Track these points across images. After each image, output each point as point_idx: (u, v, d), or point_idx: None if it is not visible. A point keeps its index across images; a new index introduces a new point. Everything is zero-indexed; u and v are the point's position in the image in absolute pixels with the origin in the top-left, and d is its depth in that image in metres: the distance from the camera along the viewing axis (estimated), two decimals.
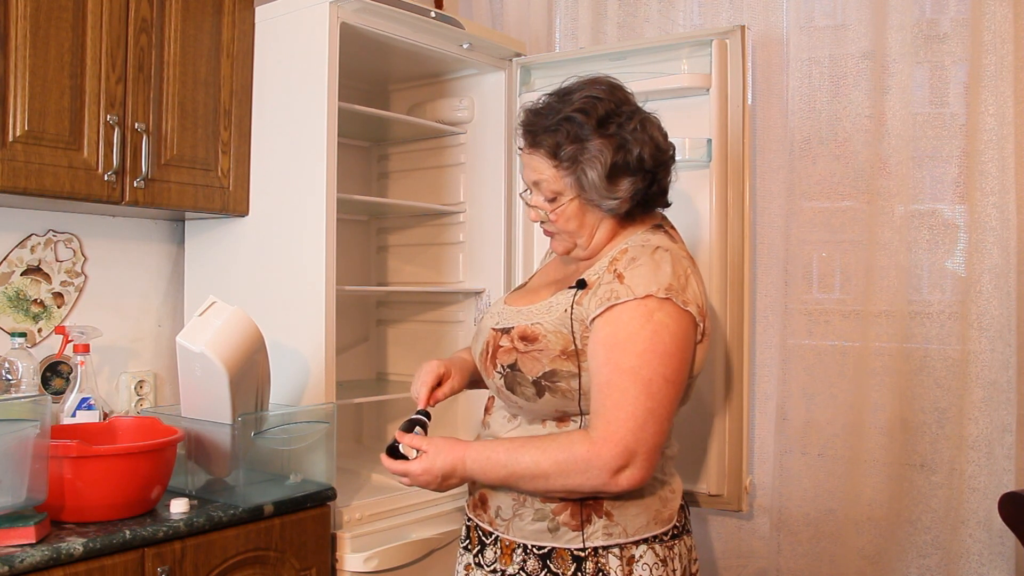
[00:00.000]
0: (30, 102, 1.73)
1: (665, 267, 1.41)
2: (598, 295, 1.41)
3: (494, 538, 1.52)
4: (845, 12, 2.32)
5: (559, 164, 1.45)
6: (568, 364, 1.42)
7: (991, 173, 2.11)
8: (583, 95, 1.46)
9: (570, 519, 1.44)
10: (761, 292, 2.37)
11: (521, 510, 1.48)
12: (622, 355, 1.36)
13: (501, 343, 1.48)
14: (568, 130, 1.43)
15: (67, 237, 2.13)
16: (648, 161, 1.45)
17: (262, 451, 1.83)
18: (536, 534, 1.46)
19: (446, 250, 2.60)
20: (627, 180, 1.45)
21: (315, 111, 2.00)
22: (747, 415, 2.18)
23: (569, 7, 2.71)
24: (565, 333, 1.42)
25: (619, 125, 1.44)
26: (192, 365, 1.74)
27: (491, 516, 1.53)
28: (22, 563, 1.41)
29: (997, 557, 2.11)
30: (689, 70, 2.19)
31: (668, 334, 1.37)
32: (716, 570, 2.43)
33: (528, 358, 1.44)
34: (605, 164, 1.42)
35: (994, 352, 2.11)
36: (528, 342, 1.44)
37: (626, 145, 1.43)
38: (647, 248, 1.44)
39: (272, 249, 2.10)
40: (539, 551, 1.46)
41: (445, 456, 1.44)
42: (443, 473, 1.43)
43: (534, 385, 1.44)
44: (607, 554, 1.43)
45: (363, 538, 1.95)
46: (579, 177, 1.44)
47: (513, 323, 1.49)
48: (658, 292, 1.37)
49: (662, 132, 1.51)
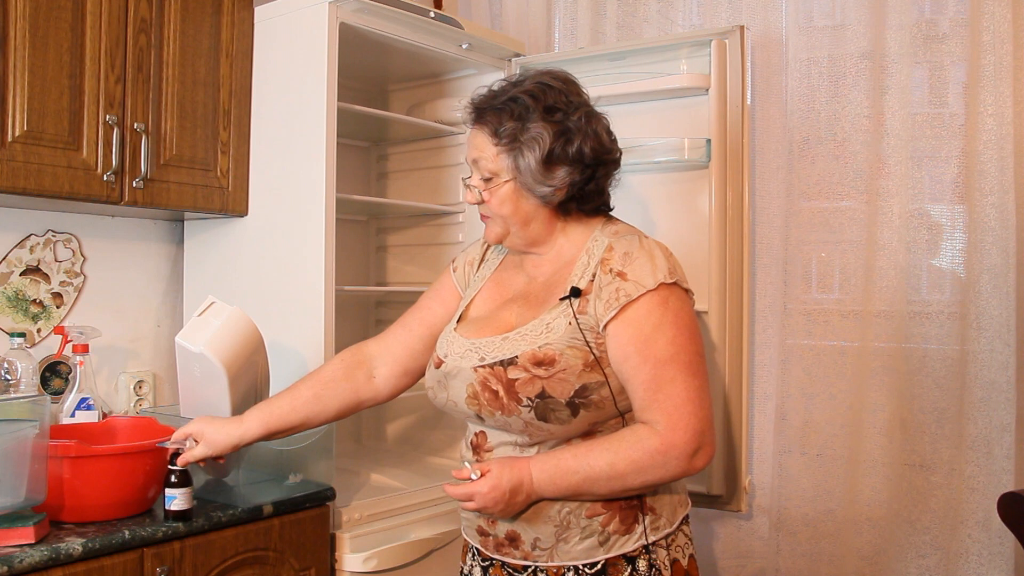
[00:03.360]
0: (29, 102, 1.73)
1: (658, 253, 1.43)
2: (603, 298, 1.40)
3: (534, 569, 1.47)
4: (844, 12, 2.32)
5: (498, 142, 1.45)
6: (594, 375, 1.39)
7: (990, 173, 2.11)
8: (535, 80, 1.47)
9: (619, 526, 1.43)
10: (760, 292, 2.37)
11: (565, 534, 1.44)
12: (656, 348, 1.37)
13: (512, 375, 1.40)
14: (513, 110, 1.44)
15: (66, 237, 2.13)
16: (588, 155, 1.44)
17: (261, 451, 1.83)
18: (586, 552, 1.43)
19: (445, 250, 2.60)
20: (563, 169, 1.44)
21: (314, 111, 2.00)
22: (746, 415, 2.18)
23: (568, 7, 2.71)
24: (580, 345, 1.39)
25: (565, 114, 1.44)
26: (191, 365, 1.74)
27: (526, 550, 1.47)
28: (21, 563, 1.40)
29: (996, 557, 2.11)
30: (688, 70, 2.19)
31: (686, 315, 1.41)
32: (715, 570, 2.43)
33: (555, 381, 1.38)
34: (543, 148, 1.42)
35: (993, 352, 2.11)
36: (547, 366, 1.39)
37: (568, 134, 1.43)
38: (632, 240, 1.45)
39: (271, 249, 2.10)
40: (591, 569, 1.43)
41: (511, 471, 1.39)
42: (511, 488, 1.39)
43: (568, 407, 1.39)
44: (656, 548, 1.44)
45: (362, 538, 1.95)
46: (516, 158, 1.44)
47: (508, 353, 1.42)
48: (666, 279, 1.39)
49: (608, 132, 1.50)
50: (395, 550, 1.98)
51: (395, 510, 2.06)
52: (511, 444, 1.46)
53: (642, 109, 2.25)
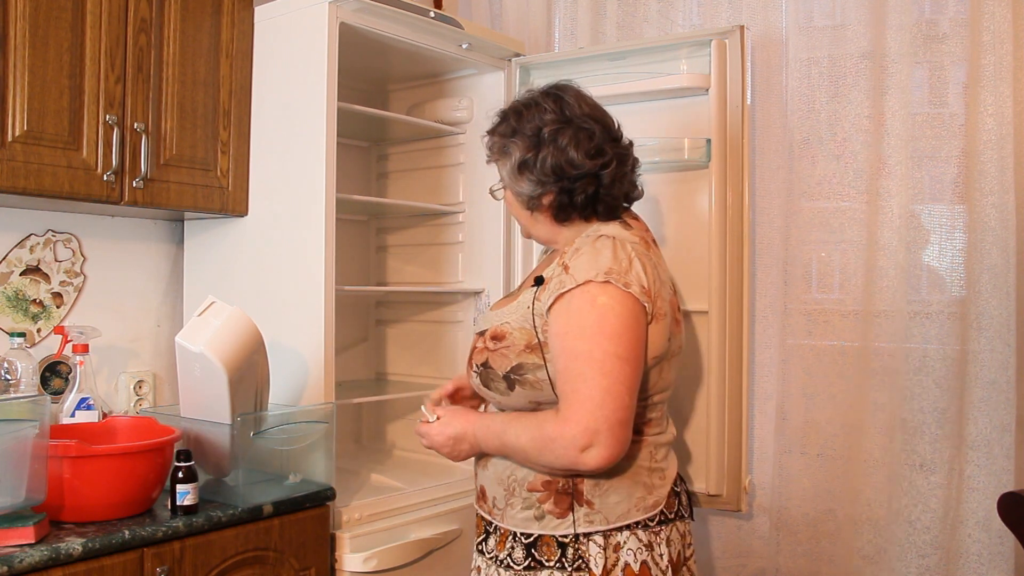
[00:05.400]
0: (29, 102, 1.73)
1: (605, 252, 1.47)
2: (550, 288, 1.49)
3: (494, 527, 1.60)
4: (844, 12, 2.32)
5: (490, 154, 1.63)
6: (533, 357, 1.49)
7: (990, 173, 2.11)
8: (530, 96, 1.59)
9: (554, 507, 1.51)
10: (760, 292, 2.37)
11: (512, 499, 1.55)
12: (574, 341, 1.43)
13: (477, 344, 1.59)
14: (502, 126, 1.59)
15: (66, 237, 2.13)
16: (550, 168, 1.52)
17: (261, 451, 1.83)
18: (524, 522, 1.53)
19: (445, 250, 2.60)
20: (529, 179, 1.55)
21: (314, 111, 2.00)
22: (747, 415, 2.18)
23: (568, 7, 2.71)
24: (528, 328, 1.51)
25: (538, 128, 1.54)
26: (191, 365, 1.74)
27: (489, 506, 1.61)
28: (21, 563, 1.41)
29: (996, 557, 2.11)
30: (688, 70, 2.19)
31: (613, 315, 1.43)
32: (715, 570, 2.43)
33: (497, 355, 1.53)
34: (515, 159, 1.56)
35: (993, 352, 2.11)
36: (497, 340, 1.54)
37: (538, 147, 1.53)
38: (590, 238, 1.52)
39: (271, 249, 2.10)
40: (527, 539, 1.53)
41: (458, 421, 1.58)
42: (455, 435, 1.56)
43: (504, 380, 1.52)
44: (588, 541, 1.49)
45: (362, 538, 1.95)
46: (500, 169, 1.61)
47: (488, 325, 1.59)
48: (596, 277, 1.44)
49: (585, 151, 1.53)
50: (395, 550, 1.98)
51: (395, 510, 2.06)
52: (492, 407, 1.66)
53: (642, 109, 2.25)
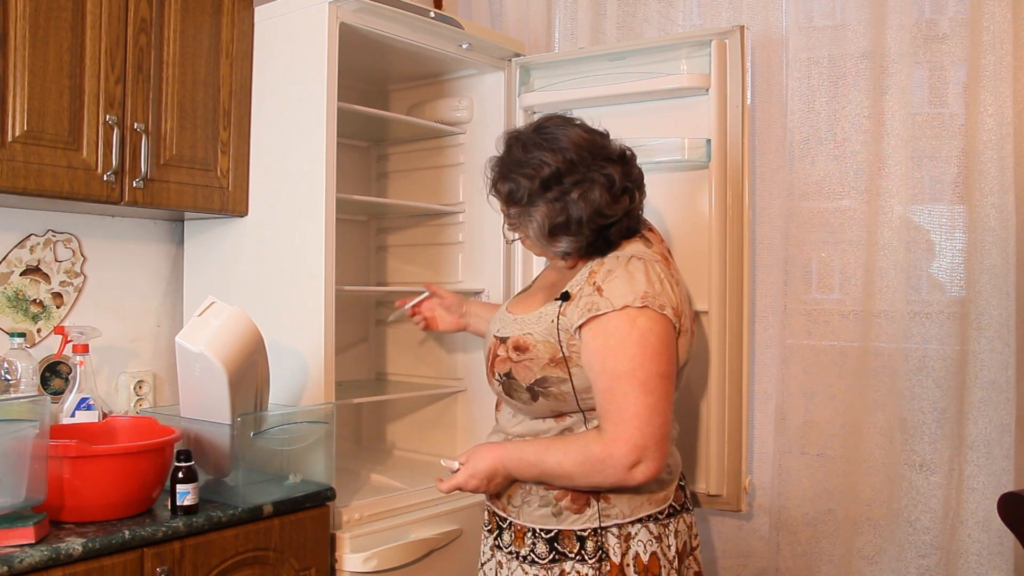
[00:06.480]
0: (29, 102, 1.73)
1: (639, 276, 1.51)
2: (579, 306, 1.52)
3: (508, 523, 1.66)
4: (844, 12, 2.32)
5: (507, 219, 1.63)
6: (557, 371, 1.55)
7: (990, 173, 2.11)
8: (536, 156, 1.54)
9: (571, 504, 1.57)
10: (760, 292, 2.37)
11: (528, 497, 1.61)
12: (616, 361, 1.48)
13: (499, 352, 1.62)
14: (513, 190, 1.57)
15: (66, 237, 2.13)
16: (587, 224, 1.54)
17: (261, 451, 1.83)
18: (543, 519, 1.60)
19: (445, 250, 2.60)
20: (565, 238, 1.56)
21: (314, 111, 2.00)
22: (746, 415, 2.18)
23: (568, 7, 2.71)
24: (553, 343, 1.55)
25: (562, 191, 1.54)
26: (191, 365, 1.74)
27: (504, 503, 1.66)
28: (21, 563, 1.41)
29: (996, 557, 2.11)
30: (688, 70, 2.19)
31: (653, 336, 1.49)
32: (715, 570, 2.43)
33: (521, 367, 1.57)
34: (543, 225, 1.56)
35: (993, 352, 2.11)
36: (520, 352, 1.58)
37: (567, 209, 1.54)
38: (622, 260, 1.56)
39: (271, 249, 2.10)
40: (547, 534, 1.59)
41: (485, 460, 1.60)
42: (487, 474, 1.59)
43: (528, 391, 1.58)
44: (606, 533, 1.56)
45: (362, 538, 1.95)
46: (524, 230, 1.61)
47: (509, 332, 1.62)
48: (635, 302, 1.48)
49: (610, 194, 1.55)
50: (395, 550, 1.98)
51: (395, 510, 2.06)
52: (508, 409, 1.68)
53: (642, 109, 2.26)
